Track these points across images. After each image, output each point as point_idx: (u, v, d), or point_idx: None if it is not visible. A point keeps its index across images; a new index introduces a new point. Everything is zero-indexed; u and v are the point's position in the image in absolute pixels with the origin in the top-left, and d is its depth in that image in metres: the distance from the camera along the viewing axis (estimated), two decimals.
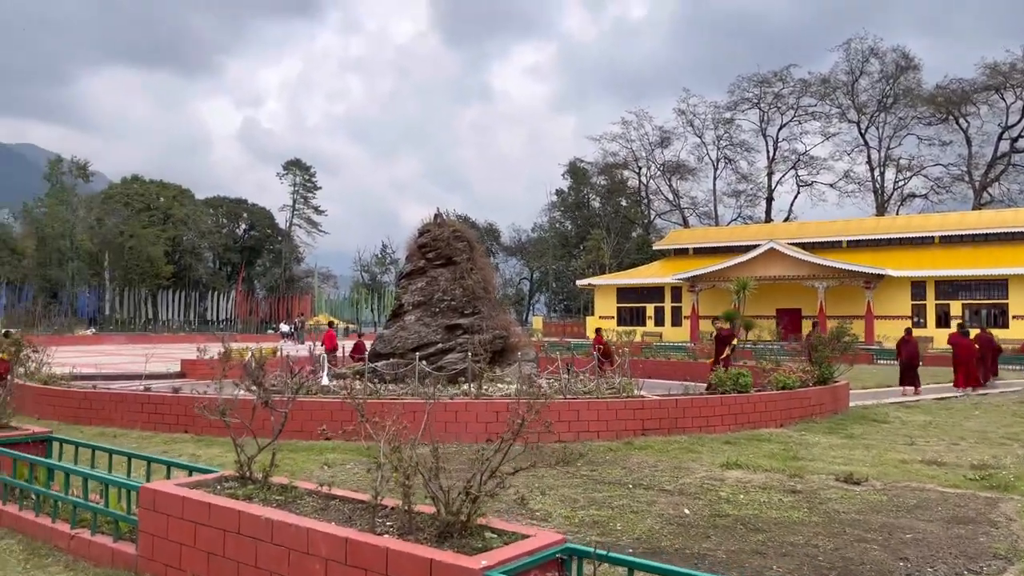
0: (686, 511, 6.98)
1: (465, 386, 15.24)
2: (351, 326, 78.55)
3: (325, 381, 14.43)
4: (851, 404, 14.78)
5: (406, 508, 4.01)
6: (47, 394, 12.36)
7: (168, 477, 5.59)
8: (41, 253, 69.83)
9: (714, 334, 19.05)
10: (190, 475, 5.34)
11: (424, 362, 16.18)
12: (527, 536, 3.81)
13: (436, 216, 17.61)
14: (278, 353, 22.78)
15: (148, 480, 5.50)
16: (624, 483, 8.10)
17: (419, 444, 4.23)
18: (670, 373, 21.23)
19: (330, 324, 31.59)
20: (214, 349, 23.70)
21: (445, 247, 17.04)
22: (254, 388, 5.27)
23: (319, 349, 22.52)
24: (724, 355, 17.70)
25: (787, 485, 8.05)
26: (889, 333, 46.94)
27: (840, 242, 57.23)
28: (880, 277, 49.52)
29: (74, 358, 22.54)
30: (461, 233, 17.33)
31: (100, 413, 11.55)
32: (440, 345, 16.40)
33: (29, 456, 5.64)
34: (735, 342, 18.78)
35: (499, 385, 15.12)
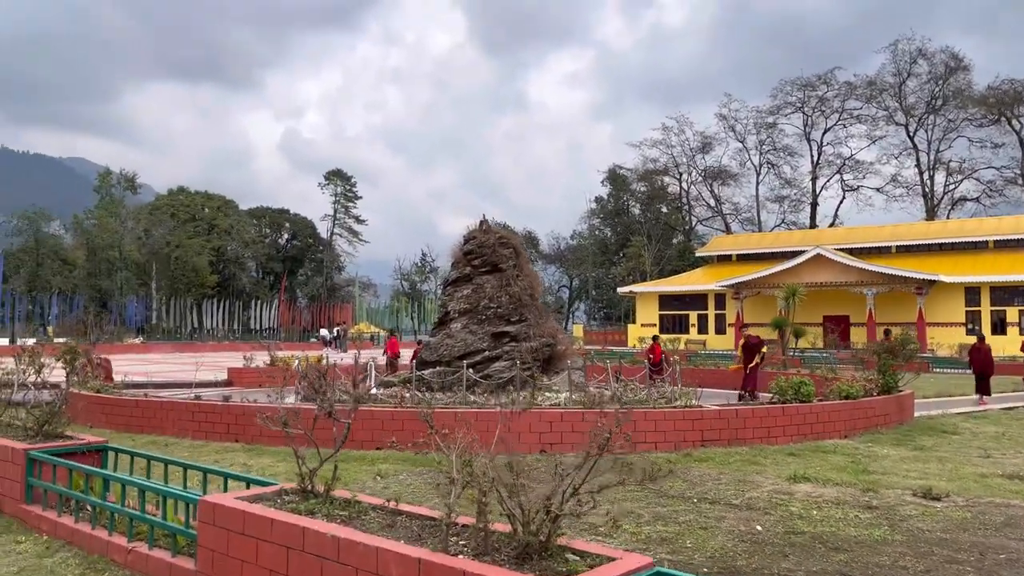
0: (758, 527, 6.63)
1: (514, 394, 15.00)
2: (381, 333, 79.01)
3: (373, 390, 14.29)
4: (915, 414, 14.20)
5: (481, 527, 3.77)
6: (99, 402, 12.41)
7: (225, 489, 5.43)
8: (91, 264, 71.41)
9: (742, 342, 18.55)
10: (248, 487, 5.16)
11: (471, 370, 16.00)
12: (613, 559, 3.54)
13: (481, 223, 17.42)
14: (323, 361, 22.81)
15: (204, 492, 5.34)
16: (688, 497, 7.76)
17: (486, 456, 3.99)
18: (721, 382, 20.72)
19: (392, 332, 31.63)
20: (260, 357, 23.92)
21: (491, 254, 16.83)
22: (316, 398, 5.07)
23: (364, 357, 22.45)
24: (753, 363, 17.31)
25: (861, 500, 7.64)
26: (943, 340, 45.67)
27: (889, 247, 55.87)
28: (932, 283, 48.19)
29: (124, 366, 22.79)
30: (507, 240, 17.11)
31: (151, 422, 11.54)
32: (487, 353, 16.18)
33: (85, 467, 5.53)
34: (764, 350, 18.19)
35: (548, 394, 14.85)
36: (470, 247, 17.06)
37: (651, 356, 22.03)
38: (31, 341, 46.95)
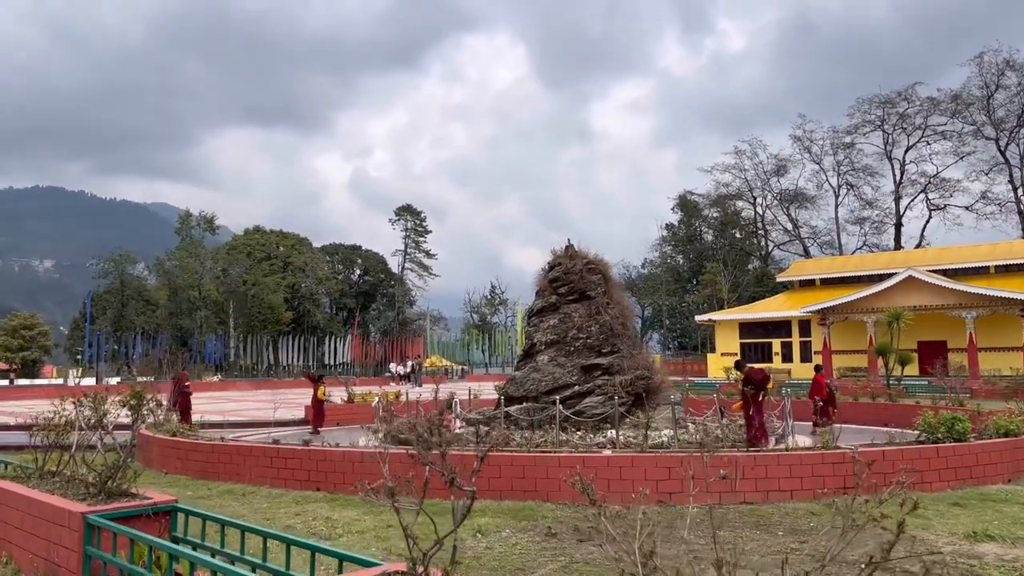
0: None
1: (610, 433, 13.83)
2: (464, 368, 78.41)
3: (458, 428, 13.30)
4: None
5: None
6: (175, 447, 11.76)
7: (312, 566, 4.45)
8: (173, 303, 73.20)
9: (739, 376, 14.99)
10: (341, 567, 4.17)
11: (560, 406, 14.90)
12: None
13: (567, 248, 16.39)
14: (402, 397, 21.99)
15: (288, 568, 4.38)
16: (851, 560, 6.44)
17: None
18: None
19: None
20: (337, 394, 23.31)
21: (578, 280, 15.78)
22: (417, 447, 4.08)
23: (443, 392, 21.60)
24: (759, 399, 13.87)
25: None
26: None
27: (987, 267, 52.54)
28: None
29: (202, 405, 22.46)
30: (595, 265, 16.02)
31: (228, 468, 10.78)
32: (576, 388, 15.06)
33: (149, 537, 4.65)
34: (770, 386, 14.87)
35: (649, 433, 13.60)
36: (556, 274, 16.04)
37: (816, 395, 17.88)
38: (115, 380, 47.96)
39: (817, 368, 20.70)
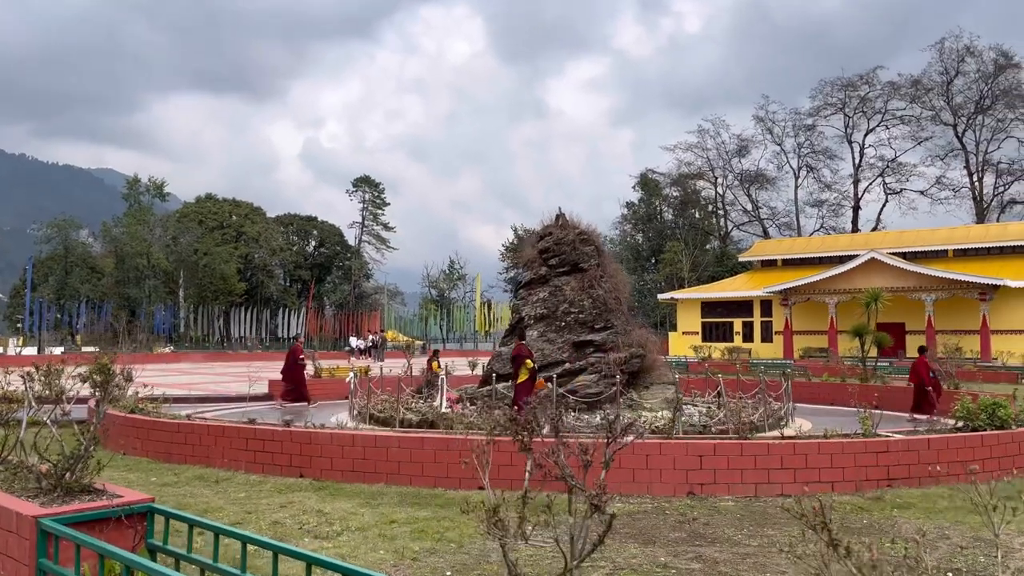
0: None
1: (603, 412, 12.99)
2: (418, 342, 77.17)
3: (444, 408, 12.33)
4: None
5: None
6: (135, 425, 10.55)
7: None
8: (120, 271, 70.33)
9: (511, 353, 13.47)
10: None
11: (553, 384, 14.01)
12: None
13: (558, 216, 15.44)
14: (370, 372, 20.92)
15: None
16: (925, 572, 5.68)
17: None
18: (816, 396, 18.51)
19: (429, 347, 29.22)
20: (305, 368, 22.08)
21: (570, 252, 14.86)
22: (523, 438, 3.12)
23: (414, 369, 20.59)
24: (520, 380, 13.06)
25: None
26: (1015, 349, 43.00)
27: (945, 251, 53.15)
28: (996, 288, 45.53)
29: (155, 378, 21.03)
30: (588, 236, 15.12)
31: (197, 450, 9.65)
32: (568, 365, 14.19)
33: (122, 553, 3.60)
34: (531, 364, 13.31)
35: (645, 414, 12.82)
36: (546, 244, 15.10)
37: (920, 379, 15.98)
38: (59, 350, 45.68)
39: (921, 349, 18.31)
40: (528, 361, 13.39)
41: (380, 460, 8.26)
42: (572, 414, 13.11)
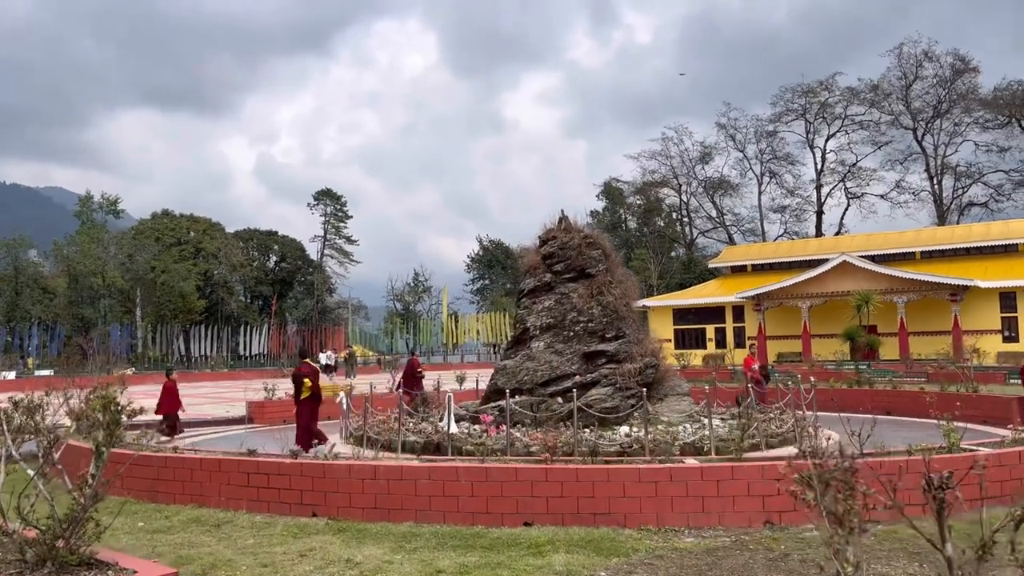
0: None
1: (624, 428, 12.12)
2: (384, 357, 75.51)
3: (453, 429, 11.30)
4: None
5: None
6: (113, 459, 9.31)
7: None
8: (73, 291, 67.66)
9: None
10: None
11: (560, 399, 13.12)
12: None
13: (561, 219, 14.54)
14: (353, 391, 19.81)
15: None
16: None
17: None
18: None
19: (412, 353, 26.95)
20: (282, 388, 20.84)
21: (576, 256, 13.95)
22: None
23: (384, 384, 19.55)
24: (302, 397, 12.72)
25: None
26: (988, 348, 43.22)
27: (912, 253, 53.58)
28: (966, 288, 45.86)
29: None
30: (594, 239, 14.22)
31: (187, 487, 8.46)
32: (579, 378, 13.25)
33: None
34: (309, 383, 12.98)
35: (669, 427, 11.95)
36: (550, 249, 14.16)
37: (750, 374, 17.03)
38: (11, 375, 43.35)
39: (751, 347, 18.50)
40: (307, 380, 13.03)
41: (407, 495, 7.18)
42: (587, 431, 12.20)
